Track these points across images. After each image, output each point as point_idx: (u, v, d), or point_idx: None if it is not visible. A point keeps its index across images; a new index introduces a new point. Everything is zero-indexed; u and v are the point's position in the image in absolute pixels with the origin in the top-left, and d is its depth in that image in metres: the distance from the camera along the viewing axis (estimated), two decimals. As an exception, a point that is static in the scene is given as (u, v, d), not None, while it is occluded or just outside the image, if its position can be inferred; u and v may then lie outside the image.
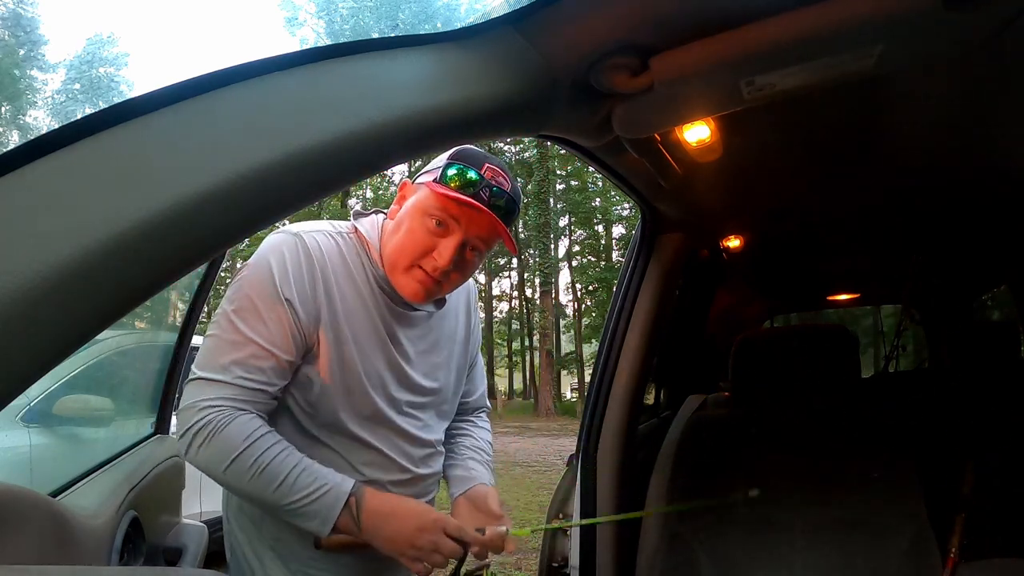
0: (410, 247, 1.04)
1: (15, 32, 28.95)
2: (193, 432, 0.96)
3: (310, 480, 0.97)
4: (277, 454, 0.97)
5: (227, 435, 0.96)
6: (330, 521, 0.97)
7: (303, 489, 0.96)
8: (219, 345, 1.00)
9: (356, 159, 0.53)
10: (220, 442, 0.95)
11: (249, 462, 0.95)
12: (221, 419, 0.96)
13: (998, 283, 3.28)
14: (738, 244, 2.19)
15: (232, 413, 0.97)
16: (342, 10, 27.41)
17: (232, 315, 1.00)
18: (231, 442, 0.95)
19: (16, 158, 0.41)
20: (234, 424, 0.96)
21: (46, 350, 0.40)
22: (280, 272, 1.01)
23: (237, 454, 0.95)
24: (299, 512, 0.97)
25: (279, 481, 0.96)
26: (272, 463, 0.96)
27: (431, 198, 1.03)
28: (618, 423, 1.73)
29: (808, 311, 4.16)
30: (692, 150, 1.30)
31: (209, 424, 0.96)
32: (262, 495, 0.97)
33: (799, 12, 0.71)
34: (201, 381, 0.98)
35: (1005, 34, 0.78)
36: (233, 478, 0.97)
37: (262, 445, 0.97)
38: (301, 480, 0.97)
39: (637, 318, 1.76)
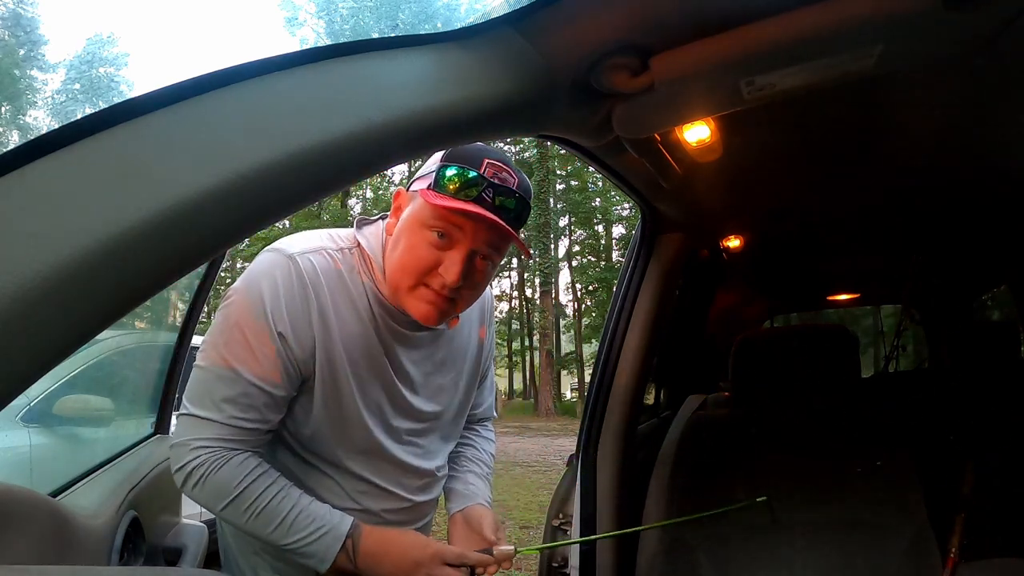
0: (412, 265, 0.95)
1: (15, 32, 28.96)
2: (187, 472, 0.95)
3: (307, 522, 0.96)
4: (273, 496, 0.95)
5: (221, 478, 0.94)
6: (328, 561, 0.97)
7: (300, 531, 0.96)
8: (209, 379, 0.95)
9: (356, 159, 0.53)
10: (214, 484, 0.94)
11: (245, 505, 0.94)
12: (214, 460, 0.94)
13: (998, 283, 3.28)
14: (738, 244, 2.19)
15: (226, 455, 0.94)
16: (342, 10, 27.41)
17: (223, 348, 0.94)
18: (226, 485, 0.94)
19: (16, 158, 0.41)
20: (228, 466, 0.94)
21: (46, 350, 0.40)
22: (272, 303, 0.94)
23: (232, 497, 0.94)
24: (297, 552, 0.97)
25: (276, 524, 0.95)
26: (268, 506, 0.95)
27: (427, 208, 0.93)
28: (618, 423, 1.73)
29: (808, 311, 4.16)
30: (692, 150, 1.30)
31: (203, 466, 0.94)
32: (259, 534, 0.97)
33: (799, 12, 0.71)
34: (193, 419, 0.95)
35: (1005, 34, 0.78)
36: (230, 517, 0.96)
37: (257, 488, 0.95)
38: (298, 523, 0.96)
39: (637, 318, 1.76)
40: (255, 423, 0.96)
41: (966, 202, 1.92)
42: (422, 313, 0.97)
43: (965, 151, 1.53)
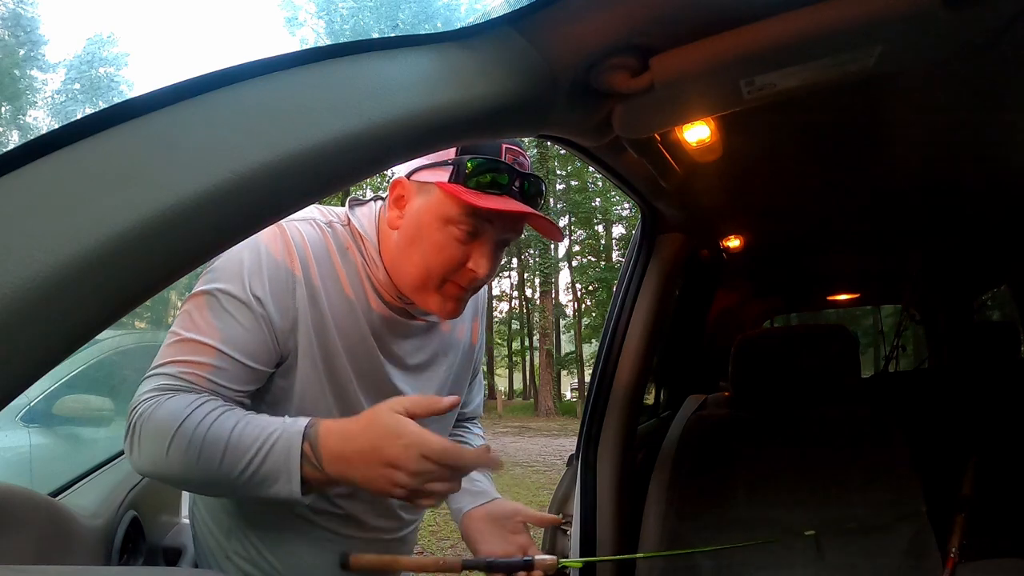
0: (439, 263, 0.88)
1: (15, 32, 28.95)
2: (127, 433, 0.83)
3: (255, 434, 0.80)
4: (216, 418, 0.81)
5: (159, 418, 0.80)
6: (294, 475, 0.79)
7: (249, 448, 0.79)
8: (174, 341, 0.86)
9: (356, 159, 0.53)
10: (152, 430, 0.80)
11: (185, 441, 0.79)
12: (151, 405, 0.82)
13: (998, 283, 3.29)
14: (738, 244, 2.19)
15: (164, 396, 0.83)
16: (342, 10, 27.41)
17: (195, 313, 0.86)
18: (164, 425, 0.79)
19: (16, 158, 0.41)
20: (167, 404, 0.81)
21: (46, 350, 0.40)
22: (251, 266, 0.86)
23: (171, 437, 0.79)
24: (257, 479, 0.79)
25: (222, 448, 0.79)
26: (210, 431, 0.79)
27: (454, 204, 0.86)
28: (618, 423, 1.73)
29: (808, 311, 4.17)
30: (692, 150, 1.30)
31: (141, 416, 0.82)
32: (215, 475, 0.80)
33: (799, 12, 0.71)
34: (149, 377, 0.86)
35: (1005, 34, 0.78)
36: (177, 469, 0.80)
37: (197, 416, 0.80)
38: (244, 437, 0.80)
39: (637, 318, 1.76)
40: (209, 385, 0.85)
41: (966, 202, 1.92)
42: (448, 310, 0.92)
43: (965, 151, 1.53)
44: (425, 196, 0.89)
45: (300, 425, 0.81)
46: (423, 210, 0.89)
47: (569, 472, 1.80)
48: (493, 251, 0.90)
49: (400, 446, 0.77)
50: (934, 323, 3.48)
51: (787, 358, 1.93)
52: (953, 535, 1.66)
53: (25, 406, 1.68)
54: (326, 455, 0.79)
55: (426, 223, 0.88)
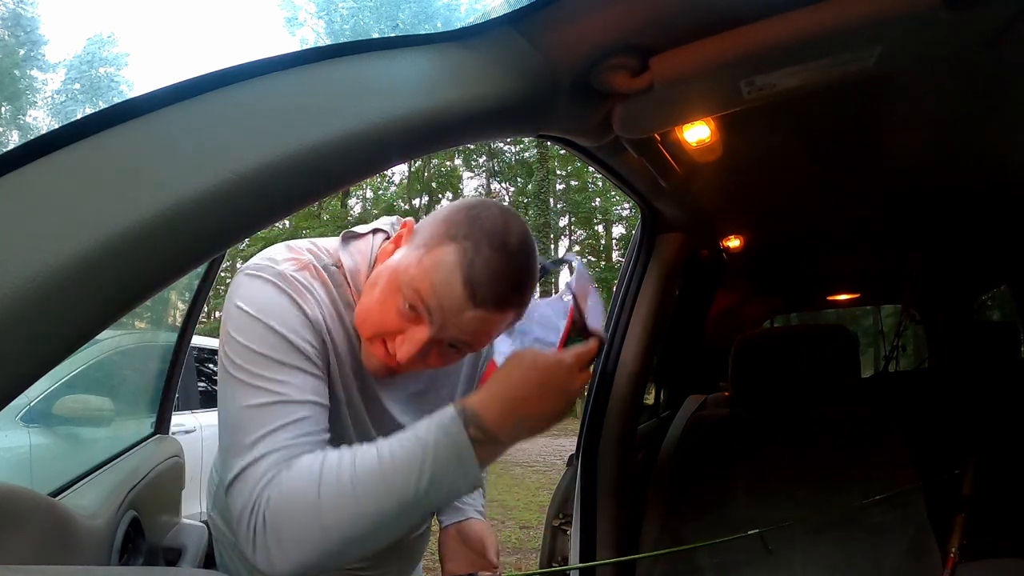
0: (372, 320, 0.81)
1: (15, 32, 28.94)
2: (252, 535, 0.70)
3: (408, 445, 0.71)
4: (353, 456, 0.72)
5: (288, 493, 0.70)
6: (472, 467, 0.72)
7: (414, 465, 0.70)
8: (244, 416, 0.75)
9: (356, 159, 0.53)
10: (287, 505, 0.70)
11: (333, 483, 0.70)
12: (270, 488, 0.71)
13: (998, 283, 3.29)
14: (738, 244, 2.19)
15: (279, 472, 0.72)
16: (342, 10, 27.40)
17: (246, 378, 0.76)
18: (302, 487, 0.70)
19: (16, 158, 0.41)
20: (288, 476, 0.71)
21: (46, 350, 0.40)
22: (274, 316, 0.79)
23: (317, 498, 0.69)
24: (435, 490, 0.71)
25: (382, 487, 0.70)
26: (357, 463, 0.71)
27: (410, 277, 0.78)
28: (618, 423, 1.73)
29: (808, 311, 4.17)
30: (692, 150, 1.30)
31: (264, 504, 0.70)
32: (387, 517, 0.70)
33: (799, 12, 0.71)
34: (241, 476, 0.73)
35: (1005, 34, 0.78)
36: (338, 528, 0.69)
37: (331, 463, 0.71)
38: (400, 454, 0.71)
39: (637, 318, 1.76)
40: (308, 436, 0.76)
41: (966, 202, 1.92)
42: (371, 366, 0.86)
43: (965, 151, 1.53)
44: (403, 249, 0.82)
45: (448, 416, 0.73)
46: (395, 264, 0.81)
47: (569, 472, 1.80)
48: (423, 344, 0.79)
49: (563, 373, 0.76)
50: (934, 323, 3.48)
51: (787, 358, 1.93)
52: (953, 535, 1.66)
53: (25, 406, 1.68)
54: (497, 424, 0.73)
55: (386, 277, 0.81)
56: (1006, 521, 1.74)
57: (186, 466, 1.70)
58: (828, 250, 2.55)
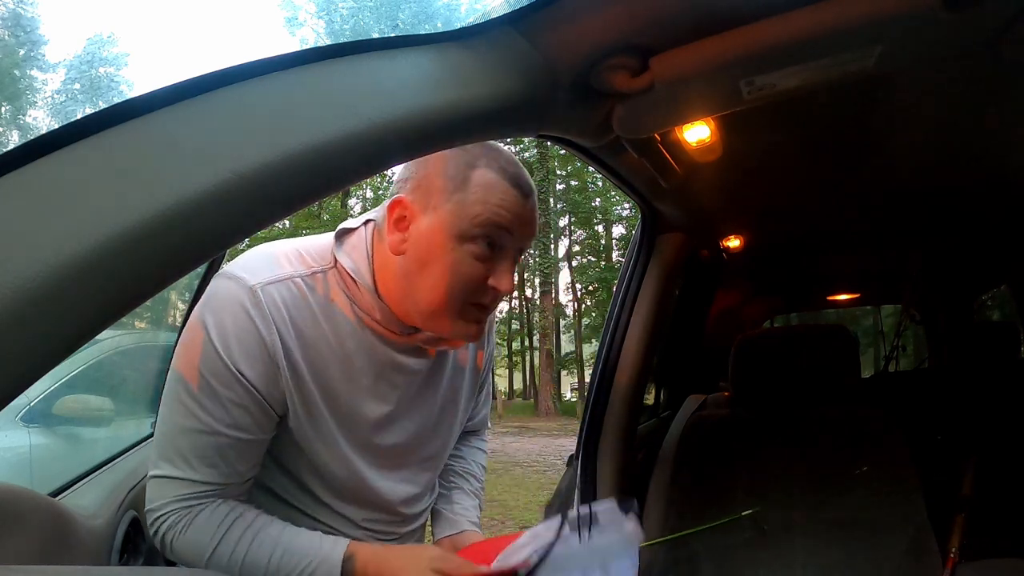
0: (459, 286, 0.82)
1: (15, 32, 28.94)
2: (160, 537, 0.84)
3: (294, 562, 0.84)
4: (250, 543, 0.84)
5: (190, 538, 0.83)
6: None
7: (286, 572, 0.83)
8: (174, 431, 0.83)
9: (356, 159, 0.53)
10: (186, 545, 0.83)
11: (224, 561, 0.83)
12: (182, 520, 0.83)
13: (998, 283, 3.29)
14: (738, 244, 2.19)
15: (192, 511, 0.83)
16: (342, 10, 27.41)
17: (185, 395, 0.81)
18: (197, 545, 0.83)
19: (16, 158, 0.41)
20: (196, 522, 0.83)
21: (46, 350, 0.40)
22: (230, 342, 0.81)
23: (210, 554, 0.83)
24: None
25: (263, 571, 0.83)
26: (248, 556, 0.83)
27: (471, 216, 0.80)
28: (618, 423, 1.73)
29: (808, 311, 4.17)
30: (692, 150, 1.30)
31: (171, 528, 0.83)
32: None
33: (799, 12, 0.71)
34: (161, 480, 0.83)
35: (1005, 34, 0.78)
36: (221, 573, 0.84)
37: (231, 540, 0.83)
38: (284, 566, 0.83)
39: (637, 318, 1.76)
40: (227, 476, 0.84)
41: (966, 202, 1.92)
42: (471, 334, 0.87)
43: (965, 151, 1.53)
44: (432, 213, 0.82)
45: (338, 554, 0.85)
46: (435, 230, 0.82)
47: (569, 472, 1.80)
48: (514, 263, 0.85)
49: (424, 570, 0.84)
50: (934, 323, 3.48)
51: (787, 358, 1.93)
52: (953, 535, 1.66)
53: (25, 406, 1.68)
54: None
55: (438, 243, 0.81)
56: (1006, 521, 1.74)
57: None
58: (828, 250, 2.55)
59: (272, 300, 0.82)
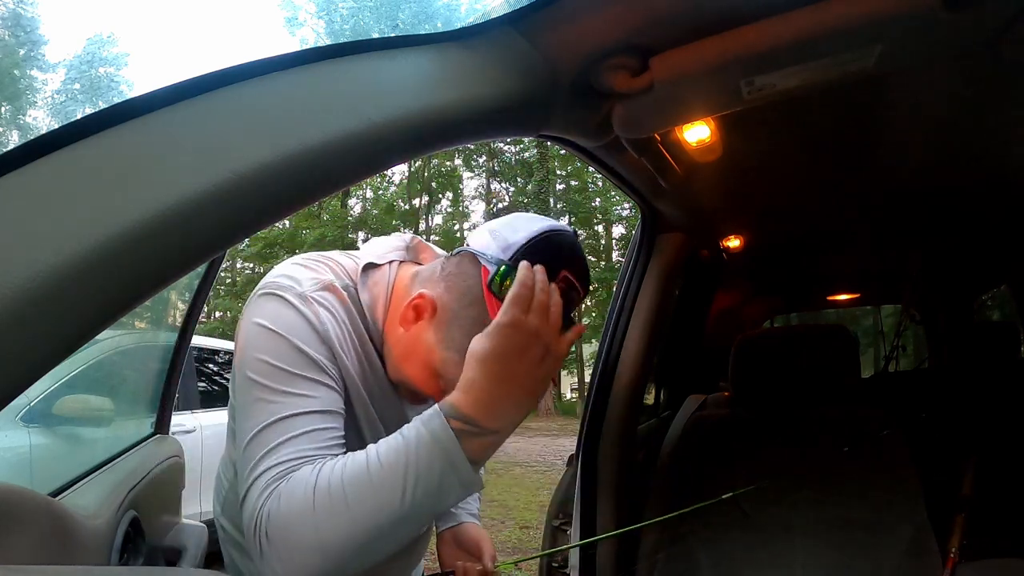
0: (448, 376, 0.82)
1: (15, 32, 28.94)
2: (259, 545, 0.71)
3: (394, 444, 0.72)
4: (345, 463, 0.73)
5: (287, 503, 0.71)
6: (460, 462, 0.70)
7: (396, 462, 0.70)
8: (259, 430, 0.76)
9: (356, 159, 0.53)
10: (286, 516, 0.70)
11: (327, 498, 0.70)
12: (273, 499, 0.72)
13: (998, 283, 3.28)
14: (738, 244, 2.19)
15: (281, 483, 0.73)
16: (342, 10, 27.40)
17: (258, 393, 0.78)
18: (297, 503, 0.71)
19: (16, 158, 0.41)
20: (288, 487, 0.72)
21: (46, 350, 0.40)
22: (292, 332, 0.80)
23: (311, 506, 0.70)
24: (425, 489, 0.70)
25: (371, 489, 0.70)
26: (347, 473, 0.71)
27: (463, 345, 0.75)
28: (618, 423, 1.73)
29: (808, 311, 4.17)
30: (692, 150, 1.30)
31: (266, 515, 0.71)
32: (377, 523, 0.70)
33: (799, 12, 0.71)
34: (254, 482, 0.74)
35: (1005, 34, 0.78)
36: (333, 535, 0.69)
37: (325, 473, 0.72)
38: (386, 455, 0.71)
39: (637, 318, 1.76)
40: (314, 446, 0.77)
41: (966, 202, 1.92)
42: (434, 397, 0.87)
43: (965, 151, 1.53)
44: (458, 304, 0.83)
45: (429, 412, 0.73)
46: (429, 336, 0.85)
47: (569, 472, 1.80)
48: None
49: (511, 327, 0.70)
50: (934, 323, 3.48)
51: (787, 358, 1.93)
52: (953, 535, 1.66)
53: (25, 406, 1.68)
54: (478, 410, 0.71)
55: (428, 348, 0.85)
56: (1006, 521, 1.74)
57: (186, 466, 1.70)
58: (828, 250, 2.55)
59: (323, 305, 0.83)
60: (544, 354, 0.71)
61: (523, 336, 0.70)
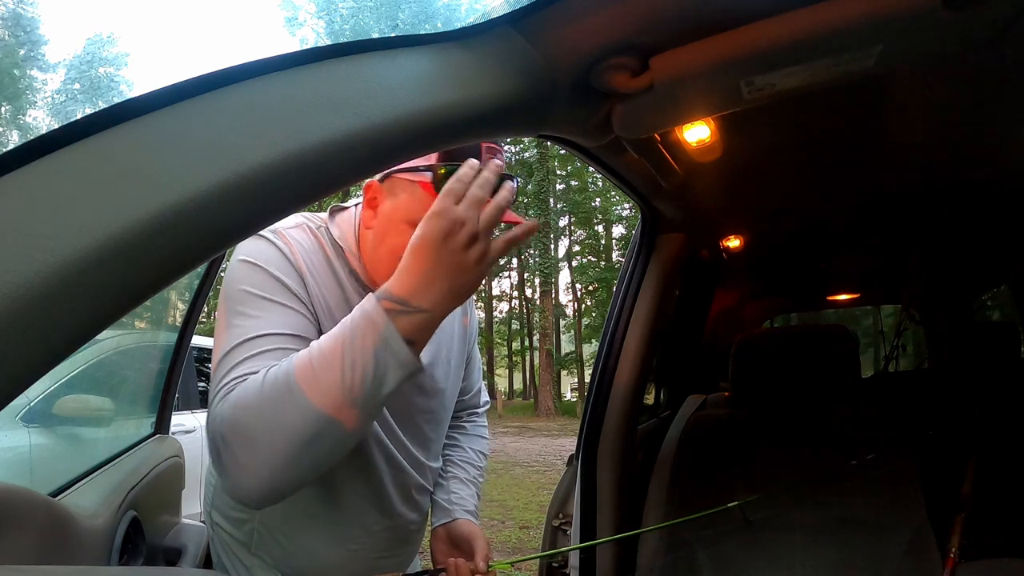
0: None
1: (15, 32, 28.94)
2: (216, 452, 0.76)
3: (333, 335, 0.76)
4: (290, 361, 0.76)
5: (236, 404, 0.76)
6: (396, 342, 0.74)
7: (334, 347, 0.74)
8: (232, 346, 0.83)
9: (356, 159, 0.53)
10: (237, 416, 0.75)
11: (276, 391, 0.74)
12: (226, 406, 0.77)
13: (998, 283, 3.28)
14: (738, 244, 2.19)
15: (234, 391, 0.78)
16: (342, 10, 27.40)
17: (234, 314, 0.86)
18: (245, 403, 0.75)
19: (16, 158, 0.41)
20: (240, 391, 0.77)
21: (46, 350, 0.40)
22: (268, 262, 0.90)
23: (259, 401, 0.74)
24: (363, 372, 0.73)
25: (311, 372, 0.73)
26: (291, 367, 0.75)
27: (423, 207, 0.80)
28: (618, 423, 1.73)
29: (808, 311, 4.17)
30: (692, 150, 1.30)
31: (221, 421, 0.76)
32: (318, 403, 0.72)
33: (799, 12, 0.71)
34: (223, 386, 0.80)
35: (1005, 34, 0.78)
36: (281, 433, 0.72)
37: (272, 372, 0.76)
38: (326, 346, 0.75)
39: (637, 318, 1.76)
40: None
41: (966, 202, 1.92)
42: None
43: (965, 151, 1.53)
44: (392, 200, 0.93)
45: (367, 298, 0.77)
46: (393, 212, 0.93)
47: (569, 472, 1.80)
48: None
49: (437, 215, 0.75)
50: (934, 323, 3.48)
51: (787, 358, 1.93)
52: (953, 535, 1.66)
53: (25, 406, 1.68)
54: (408, 290, 0.75)
55: (393, 226, 0.93)
56: (1006, 521, 1.74)
57: (186, 466, 1.70)
58: (828, 250, 2.55)
59: (294, 240, 0.96)
60: (470, 241, 0.75)
61: (447, 222, 0.74)
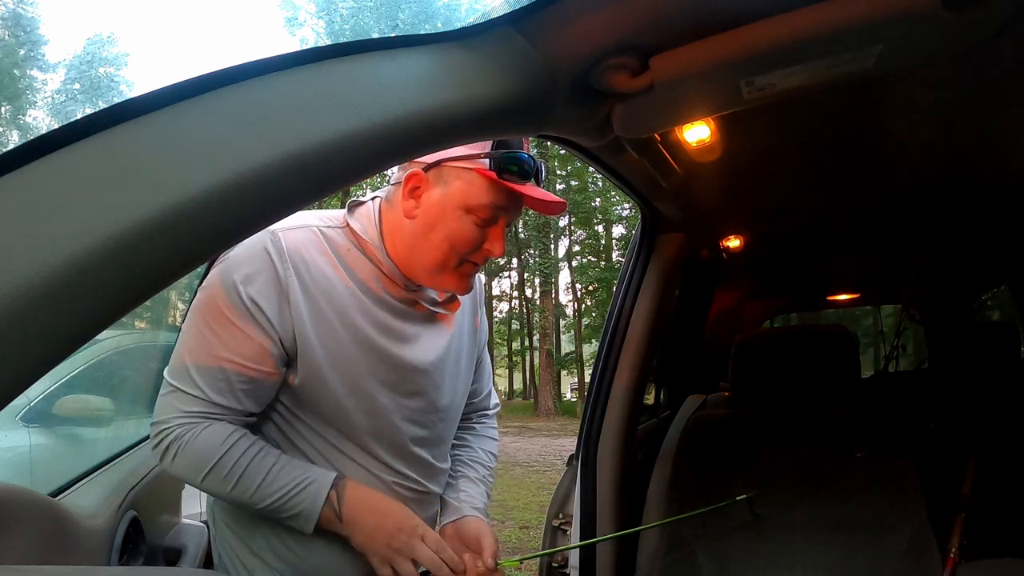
0: (460, 246, 0.97)
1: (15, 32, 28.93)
2: (164, 447, 0.94)
3: (290, 476, 0.95)
4: (254, 456, 0.95)
5: (199, 445, 0.93)
6: (314, 513, 0.95)
7: (283, 486, 0.94)
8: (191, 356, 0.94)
9: (356, 159, 0.53)
10: (192, 453, 0.93)
11: (225, 470, 0.93)
12: (191, 430, 0.94)
13: (998, 283, 3.28)
14: (738, 244, 2.19)
15: (203, 423, 0.94)
16: (342, 10, 27.39)
17: (203, 326, 0.94)
18: (204, 452, 0.93)
19: (16, 158, 0.41)
20: (205, 433, 0.94)
21: (46, 350, 0.40)
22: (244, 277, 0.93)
23: (212, 464, 0.93)
24: (281, 508, 0.95)
25: (258, 482, 0.94)
26: (250, 466, 0.94)
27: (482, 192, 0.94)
28: (618, 423, 1.73)
29: (808, 311, 4.16)
30: (692, 150, 1.30)
31: (180, 438, 0.93)
32: (242, 498, 0.95)
33: (799, 12, 0.71)
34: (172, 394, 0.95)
35: (1005, 34, 0.78)
36: (212, 487, 0.95)
37: (237, 450, 0.94)
38: (281, 477, 0.94)
39: (637, 318, 1.76)
40: (232, 404, 0.95)
41: (966, 201, 1.92)
42: (464, 287, 1.02)
43: (965, 151, 1.53)
44: (443, 187, 0.97)
45: (330, 476, 0.97)
46: (446, 199, 0.96)
47: (569, 472, 1.80)
48: (504, 233, 1.00)
49: (410, 524, 0.98)
50: (934, 323, 3.48)
51: (787, 358, 1.93)
52: (953, 535, 1.66)
53: (25, 406, 1.68)
54: (348, 503, 0.96)
55: (448, 211, 0.96)
56: (1006, 521, 1.74)
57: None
58: (828, 250, 2.55)
59: (291, 241, 0.96)
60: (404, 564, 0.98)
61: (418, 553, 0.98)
